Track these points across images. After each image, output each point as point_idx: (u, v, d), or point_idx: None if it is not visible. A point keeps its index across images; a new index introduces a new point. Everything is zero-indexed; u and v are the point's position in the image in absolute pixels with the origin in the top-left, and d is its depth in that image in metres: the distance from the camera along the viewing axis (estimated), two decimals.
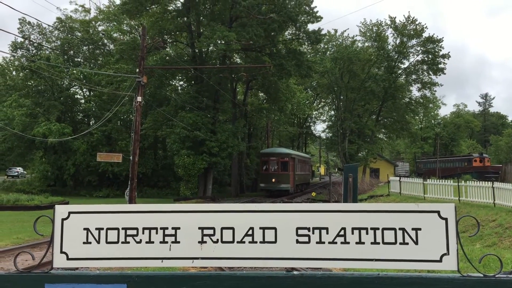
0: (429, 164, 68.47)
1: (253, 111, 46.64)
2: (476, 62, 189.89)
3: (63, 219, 2.65)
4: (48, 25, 42.92)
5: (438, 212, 2.53)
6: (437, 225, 2.52)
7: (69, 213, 2.66)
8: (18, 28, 44.42)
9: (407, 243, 2.53)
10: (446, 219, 2.52)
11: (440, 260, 2.50)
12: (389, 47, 53.06)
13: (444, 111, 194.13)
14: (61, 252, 2.62)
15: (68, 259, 2.62)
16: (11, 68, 50.86)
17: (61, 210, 2.67)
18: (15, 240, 14.95)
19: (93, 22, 47.94)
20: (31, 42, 44.56)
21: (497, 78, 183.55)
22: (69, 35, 44.81)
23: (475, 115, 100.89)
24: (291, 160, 39.78)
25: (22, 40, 44.00)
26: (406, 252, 2.52)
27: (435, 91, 57.35)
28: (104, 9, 49.37)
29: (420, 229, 2.53)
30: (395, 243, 2.53)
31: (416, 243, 2.52)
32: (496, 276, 2.49)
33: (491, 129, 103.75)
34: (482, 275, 2.50)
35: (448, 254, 2.49)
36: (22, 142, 41.34)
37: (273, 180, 38.17)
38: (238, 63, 41.95)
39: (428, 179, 27.52)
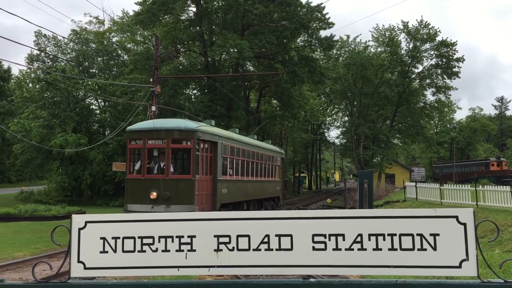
0: (446, 169, 67.69)
1: (267, 119, 46.66)
2: (486, 65, 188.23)
3: (80, 229, 2.67)
4: (63, 37, 43.59)
5: (456, 217, 2.50)
6: (455, 230, 2.49)
7: (86, 222, 2.68)
8: (34, 41, 45.15)
9: (425, 249, 2.50)
10: (464, 224, 2.49)
11: (460, 266, 2.46)
12: (402, 51, 52.78)
13: (460, 115, 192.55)
14: (78, 261, 2.64)
15: (85, 268, 2.64)
16: (27, 80, 51.61)
17: (77, 220, 2.69)
18: (33, 250, 15.08)
19: (107, 34, 48.52)
20: (46, 54, 45.24)
21: (509, 80, 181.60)
22: (84, 47, 45.39)
23: (491, 119, 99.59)
24: (204, 147, 18.10)
25: (38, 52, 44.70)
26: (425, 258, 2.49)
27: (450, 95, 56.85)
28: (118, 20, 50.00)
29: (438, 234, 2.50)
30: (413, 249, 2.50)
31: (434, 249, 2.49)
32: None
33: (508, 133, 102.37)
34: (502, 281, 2.46)
35: (468, 259, 2.46)
36: (40, 153, 41.87)
37: (152, 195, 16.70)
38: (251, 71, 42.06)
39: (444, 184, 27.19)
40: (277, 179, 29.81)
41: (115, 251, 2.64)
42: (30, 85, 50.01)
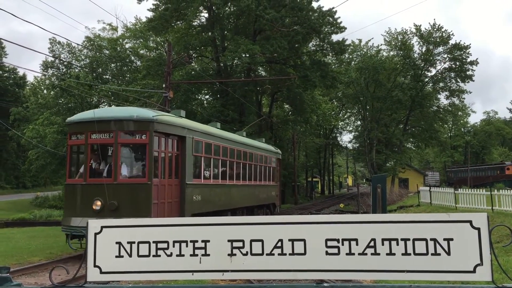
0: (460, 173, 66.99)
1: (279, 123, 46.64)
2: (500, 68, 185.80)
3: (96, 234, 2.71)
4: (77, 44, 44.13)
5: (470, 222, 2.49)
6: (469, 235, 2.48)
7: (102, 227, 2.72)
8: (48, 48, 45.84)
9: (439, 254, 2.49)
10: (478, 229, 2.48)
11: (474, 271, 2.45)
12: (415, 55, 52.50)
13: (474, 119, 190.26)
14: (95, 266, 2.68)
15: (101, 272, 2.67)
16: (42, 87, 52.29)
17: (94, 225, 2.73)
18: (48, 255, 15.22)
19: (120, 40, 48.99)
20: (61, 61, 45.83)
21: None
22: (97, 53, 45.89)
23: (506, 122, 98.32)
24: (166, 142, 14.31)
25: (53, 59, 45.31)
26: (438, 263, 2.49)
27: (464, 98, 56.40)
28: (130, 26, 50.48)
29: (452, 239, 2.49)
30: (426, 254, 2.50)
31: (448, 253, 2.48)
32: None
33: None
34: None
35: (482, 264, 2.45)
36: (54, 159, 42.31)
37: (96, 204, 12.82)
38: (263, 76, 42.12)
39: (459, 189, 26.89)
40: (272, 183, 25.55)
41: (130, 255, 2.67)
42: (45, 91, 50.64)
